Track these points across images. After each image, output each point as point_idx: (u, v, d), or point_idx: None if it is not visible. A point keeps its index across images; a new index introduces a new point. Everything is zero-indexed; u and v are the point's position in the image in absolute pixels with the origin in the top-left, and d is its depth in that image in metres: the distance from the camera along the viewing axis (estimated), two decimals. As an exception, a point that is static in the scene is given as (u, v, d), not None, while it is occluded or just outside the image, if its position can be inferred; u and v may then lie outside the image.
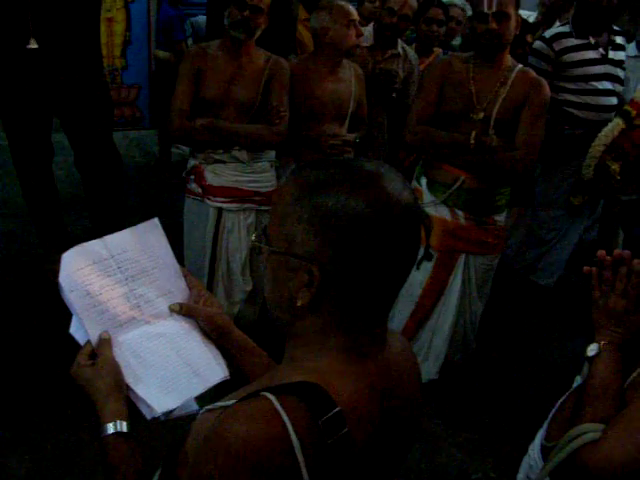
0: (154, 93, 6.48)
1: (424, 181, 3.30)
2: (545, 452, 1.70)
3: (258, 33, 3.19)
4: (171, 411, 1.32)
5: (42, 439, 2.97)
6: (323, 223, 1.01)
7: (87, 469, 2.82)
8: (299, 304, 1.05)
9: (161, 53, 6.18)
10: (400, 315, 3.38)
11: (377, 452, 1.11)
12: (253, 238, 1.15)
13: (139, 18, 6.64)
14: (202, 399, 1.36)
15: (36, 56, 3.67)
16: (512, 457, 2.12)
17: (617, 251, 1.64)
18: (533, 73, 3.17)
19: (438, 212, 3.23)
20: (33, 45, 3.62)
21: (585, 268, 1.68)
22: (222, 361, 1.43)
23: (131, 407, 1.29)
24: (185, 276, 1.52)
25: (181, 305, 1.46)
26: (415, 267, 1.11)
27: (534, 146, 3.09)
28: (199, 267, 3.41)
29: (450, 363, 3.48)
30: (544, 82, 3.15)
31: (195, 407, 1.37)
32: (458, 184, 3.17)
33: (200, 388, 1.37)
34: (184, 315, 1.45)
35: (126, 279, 1.40)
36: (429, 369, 3.43)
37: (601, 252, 1.66)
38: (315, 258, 1.02)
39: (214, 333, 1.45)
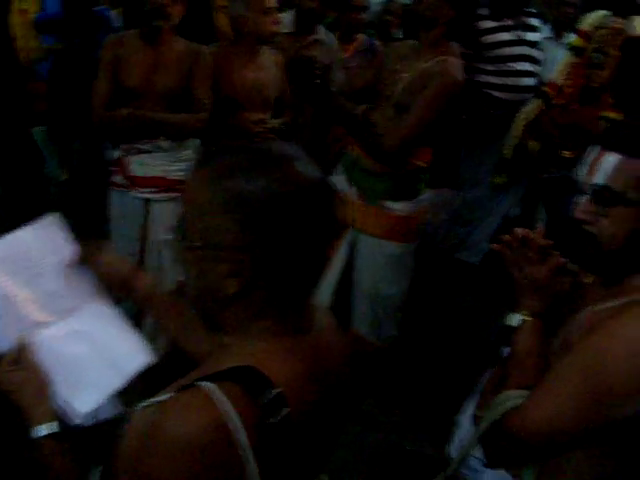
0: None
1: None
2: (476, 421, 1.75)
3: (176, 20, 3.16)
4: (95, 411, 1.31)
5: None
6: (240, 209, 1.02)
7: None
8: (228, 293, 1.05)
9: None
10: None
11: (315, 430, 1.13)
12: (170, 236, 1.15)
13: (53, 8, 6.45)
14: (130, 396, 1.34)
15: None
16: (446, 432, 2.16)
17: (518, 231, 1.68)
18: (448, 65, 2.99)
19: (337, 181, 3.23)
20: None
21: (494, 246, 1.73)
22: (144, 346, 1.41)
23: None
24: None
25: (76, 257, 1.43)
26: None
27: (406, 132, 3.00)
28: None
29: (362, 341, 3.51)
30: (454, 77, 2.98)
31: (120, 408, 1.35)
32: (349, 156, 3.26)
33: (120, 381, 1.35)
34: (80, 263, 1.42)
35: (34, 276, 1.38)
36: None
37: (500, 240, 1.71)
38: (238, 245, 1.03)
39: (115, 283, 1.44)
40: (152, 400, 1.09)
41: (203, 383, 1.00)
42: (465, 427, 1.84)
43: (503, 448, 1.59)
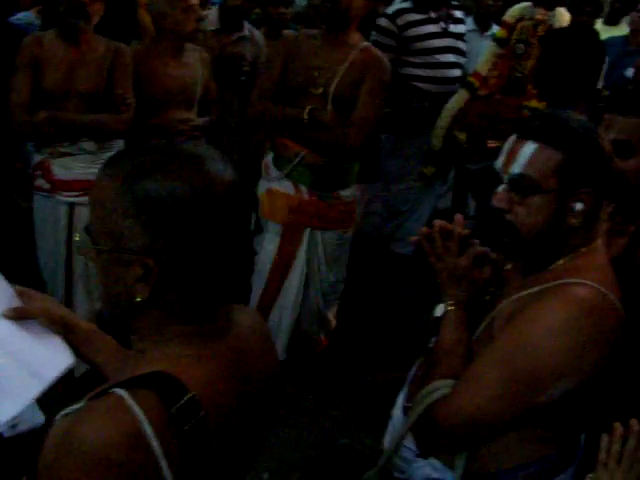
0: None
1: (271, 156, 3.34)
2: (407, 413, 1.76)
3: (96, 19, 3.10)
4: (15, 419, 1.27)
5: None
6: (149, 212, 0.99)
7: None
8: (138, 299, 1.03)
9: None
10: (254, 292, 3.38)
11: (237, 431, 1.12)
12: (77, 239, 1.12)
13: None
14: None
15: None
16: (384, 425, 2.17)
17: (437, 223, 1.69)
18: (375, 52, 3.21)
19: (282, 187, 3.28)
20: None
21: (413, 239, 1.74)
22: (64, 350, 1.37)
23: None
24: None
25: (15, 310, 1.37)
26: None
27: (367, 123, 3.15)
28: (54, 266, 3.28)
29: (309, 339, 3.53)
30: (384, 61, 3.19)
31: (41, 419, 1.32)
32: (298, 159, 3.21)
33: (39, 387, 1.31)
34: (20, 319, 1.36)
35: None
36: (279, 348, 3.43)
37: (421, 230, 1.72)
38: (147, 250, 1.00)
39: (56, 327, 1.39)
40: (71, 408, 1.06)
41: (117, 390, 0.98)
42: (397, 418, 1.85)
43: (432, 437, 1.60)
